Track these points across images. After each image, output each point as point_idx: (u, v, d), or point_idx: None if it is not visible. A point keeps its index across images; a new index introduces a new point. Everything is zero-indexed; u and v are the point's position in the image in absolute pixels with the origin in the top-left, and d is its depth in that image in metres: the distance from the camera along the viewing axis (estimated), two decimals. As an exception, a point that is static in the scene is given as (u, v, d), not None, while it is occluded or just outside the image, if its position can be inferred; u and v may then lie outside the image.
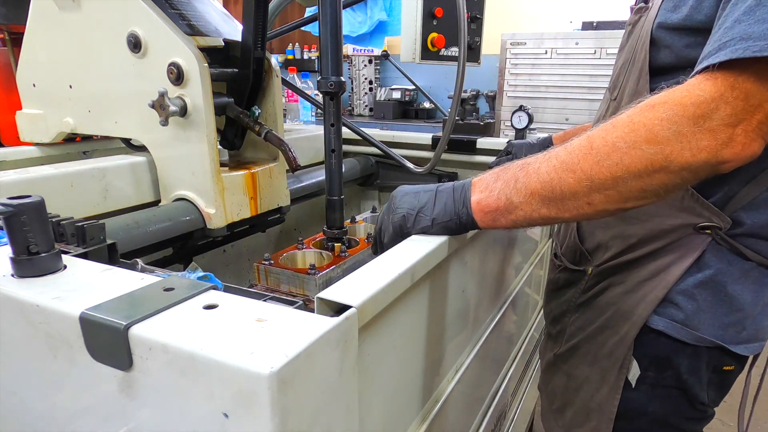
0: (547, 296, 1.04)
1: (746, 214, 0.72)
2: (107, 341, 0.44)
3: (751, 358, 0.84)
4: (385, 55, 2.12)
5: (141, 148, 1.12)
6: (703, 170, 0.56)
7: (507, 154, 1.28)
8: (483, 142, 1.68)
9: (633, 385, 0.83)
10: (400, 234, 0.73)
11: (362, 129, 1.50)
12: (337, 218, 1.08)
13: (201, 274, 0.61)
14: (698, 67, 0.57)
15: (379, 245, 0.78)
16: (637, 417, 0.85)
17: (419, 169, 1.31)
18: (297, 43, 4.93)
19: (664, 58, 0.73)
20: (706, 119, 0.53)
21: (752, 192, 0.70)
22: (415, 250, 0.66)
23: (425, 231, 0.71)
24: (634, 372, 0.82)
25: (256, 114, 1.10)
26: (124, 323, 0.43)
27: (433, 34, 1.27)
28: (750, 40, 0.52)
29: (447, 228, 0.71)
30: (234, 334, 0.42)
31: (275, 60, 1.14)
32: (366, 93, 4.70)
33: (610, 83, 0.90)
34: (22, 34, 1.15)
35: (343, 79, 0.99)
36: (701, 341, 0.77)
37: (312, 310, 0.50)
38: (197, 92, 0.95)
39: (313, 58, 4.90)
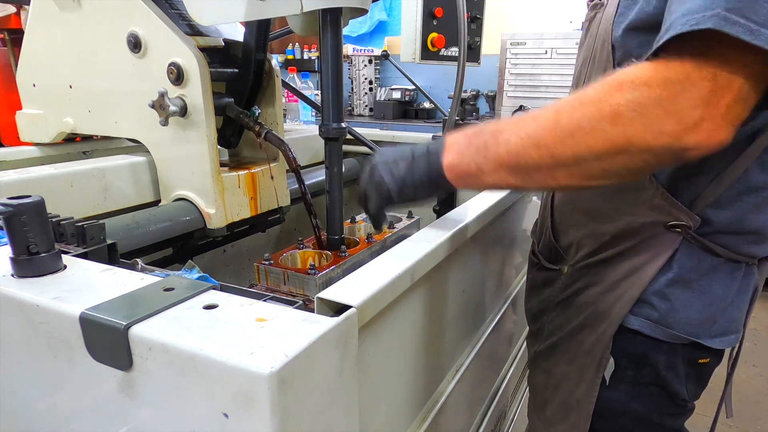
0: (527, 294, 1.05)
1: (713, 212, 0.72)
2: (107, 341, 0.44)
3: (730, 351, 0.85)
4: (385, 55, 2.12)
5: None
6: (665, 155, 0.54)
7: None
8: (483, 142, 1.68)
9: (607, 383, 0.83)
10: (386, 204, 0.75)
11: (358, 131, 1.50)
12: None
13: (198, 274, 0.61)
14: (654, 47, 0.55)
15: (367, 209, 0.79)
16: (619, 416, 0.86)
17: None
18: (297, 43, 4.93)
19: (619, 58, 0.73)
20: (672, 102, 0.51)
21: (717, 190, 0.70)
22: (415, 250, 0.66)
23: (410, 200, 0.73)
24: (609, 369, 0.83)
25: (256, 114, 1.10)
26: (124, 323, 0.43)
27: (433, 34, 1.27)
28: (689, 14, 0.50)
29: (429, 193, 0.73)
30: (234, 334, 0.42)
31: (275, 60, 1.14)
32: (366, 93, 4.70)
33: (573, 81, 0.90)
34: (22, 33, 1.15)
35: (344, 125, 1.01)
36: (676, 338, 0.78)
37: (312, 310, 0.50)
38: (197, 92, 0.95)
39: (313, 58, 4.90)
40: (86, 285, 0.52)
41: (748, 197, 0.71)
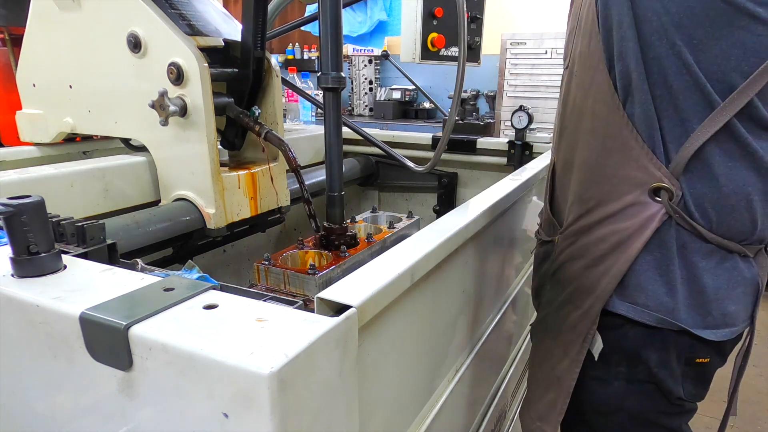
0: (533, 274, 1.06)
1: (685, 184, 0.72)
2: (107, 341, 0.44)
3: (738, 348, 0.85)
4: (385, 55, 2.12)
5: (141, 148, 1.12)
6: None
7: None
8: (483, 142, 1.68)
9: (596, 358, 0.83)
10: None
11: (362, 128, 1.50)
12: (337, 214, 1.08)
13: (198, 274, 0.61)
14: None
15: None
16: (614, 412, 0.86)
17: (419, 168, 1.31)
18: (297, 43, 4.93)
19: (602, 22, 0.74)
20: None
21: (683, 156, 0.71)
22: (415, 250, 0.66)
23: None
24: (598, 345, 0.82)
25: (256, 114, 1.10)
26: (124, 323, 0.43)
27: (433, 34, 1.27)
28: None
29: None
30: (234, 334, 0.42)
31: (275, 60, 1.14)
32: (366, 93, 4.70)
33: (564, 54, 0.91)
34: (22, 34, 1.15)
35: (343, 74, 0.99)
36: (662, 323, 0.77)
37: (312, 310, 0.50)
38: (197, 92, 0.95)
39: (313, 58, 4.90)
40: (86, 285, 0.52)
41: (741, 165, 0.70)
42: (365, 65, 4.63)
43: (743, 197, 0.72)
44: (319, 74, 1.00)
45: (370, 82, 4.70)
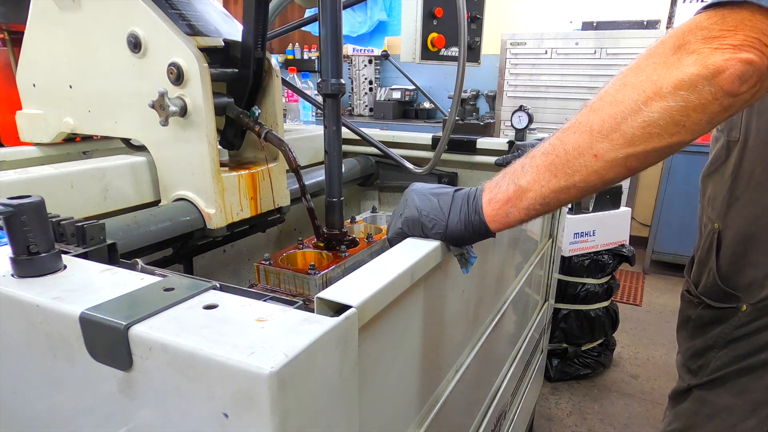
0: (690, 333, 1.06)
1: None
2: (107, 341, 0.44)
3: None
4: (385, 55, 2.12)
5: (141, 148, 1.12)
6: (701, 86, 0.51)
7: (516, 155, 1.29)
8: (483, 142, 1.68)
9: None
10: (410, 235, 0.73)
11: (362, 129, 1.50)
12: (336, 220, 1.08)
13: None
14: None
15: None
16: None
17: (419, 170, 1.31)
18: (297, 43, 4.93)
19: None
20: (687, 44, 0.52)
21: None
22: (415, 250, 0.66)
23: (438, 238, 0.71)
24: None
25: (256, 114, 1.10)
26: (124, 323, 0.43)
27: (433, 34, 1.27)
28: None
29: (460, 237, 0.70)
30: (234, 334, 0.42)
31: (275, 60, 1.14)
32: (366, 93, 4.70)
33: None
34: (22, 34, 1.15)
35: (342, 81, 1.00)
36: None
37: (312, 310, 0.50)
38: (197, 92, 0.95)
39: (313, 58, 4.90)
40: (86, 285, 0.52)
41: None
42: (365, 65, 4.64)
43: None
44: (318, 80, 1.00)
45: (370, 82, 4.70)
